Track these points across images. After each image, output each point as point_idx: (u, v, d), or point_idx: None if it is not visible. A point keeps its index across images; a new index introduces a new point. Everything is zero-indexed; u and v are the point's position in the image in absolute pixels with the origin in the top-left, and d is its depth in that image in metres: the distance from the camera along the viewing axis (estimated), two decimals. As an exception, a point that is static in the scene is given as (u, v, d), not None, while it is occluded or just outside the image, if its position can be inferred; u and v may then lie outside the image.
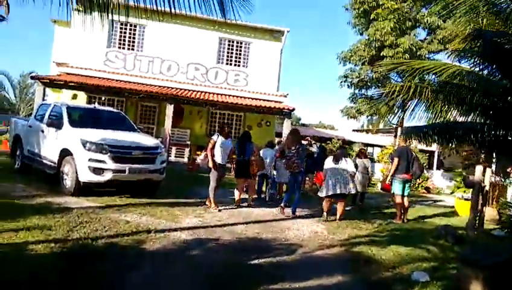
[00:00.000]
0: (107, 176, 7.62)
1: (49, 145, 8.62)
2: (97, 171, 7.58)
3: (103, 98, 16.71)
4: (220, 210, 7.91)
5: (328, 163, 8.26)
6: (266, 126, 18.83)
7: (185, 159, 16.25)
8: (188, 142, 17.18)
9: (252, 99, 17.48)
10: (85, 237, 5.17)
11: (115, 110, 10.79)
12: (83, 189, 7.72)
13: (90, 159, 7.55)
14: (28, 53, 75.32)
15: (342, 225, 7.72)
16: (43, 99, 13.77)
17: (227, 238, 5.99)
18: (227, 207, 8.36)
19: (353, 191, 8.29)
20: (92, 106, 9.90)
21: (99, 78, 16.52)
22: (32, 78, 14.14)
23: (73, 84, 14.52)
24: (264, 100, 17.49)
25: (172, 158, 15.90)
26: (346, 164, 8.17)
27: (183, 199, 8.68)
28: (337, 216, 8.06)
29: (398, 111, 6.08)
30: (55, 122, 8.49)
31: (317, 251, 5.88)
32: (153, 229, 5.91)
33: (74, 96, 17.26)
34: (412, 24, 20.74)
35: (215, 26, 17.37)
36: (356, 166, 9.04)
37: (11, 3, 7.61)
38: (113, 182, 7.85)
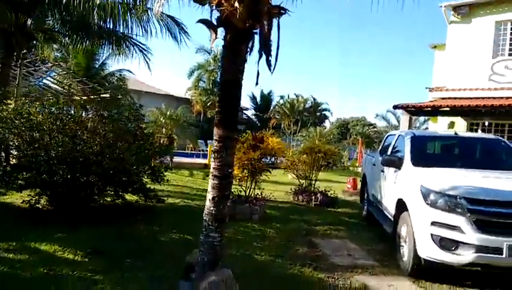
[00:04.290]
0: (465, 255, 4.17)
1: (388, 191, 6.14)
2: (446, 244, 4.29)
3: (486, 123, 12.67)
4: None
5: None
6: None
7: None
8: None
9: None
10: None
11: (492, 136, 6.89)
12: (425, 270, 4.64)
13: (434, 223, 4.40)
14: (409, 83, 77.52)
15: None
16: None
17: None
18: None
19: None
20: (451, 132, 6.57)
21: (483, 98, 12.69)
22: (394, 107, 12.42)
23: (444, 108, 11.59)
24: None
25: None
26: None
27: None
28: None
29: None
30: (394, 160, 5.91)
31: None
32: None
33: (451, 125, 14.16)
34: None
35: None
36: None
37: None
38: (479, 266, 4.32)
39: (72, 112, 6.62)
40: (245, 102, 35.96)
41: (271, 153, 7.37)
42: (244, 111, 36.94)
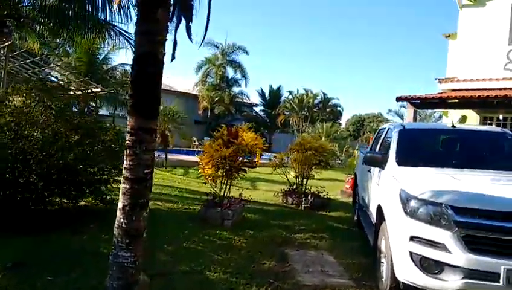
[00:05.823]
0: (452, 281, 3.25)
1: (372, 195, 5.24)
2: (428, 265, 3.37)
3: (501, 117, 11.52)
4: None
5: None
6: None
7: None
8: None
9: None
10: None
11: (498, 129, 5.81)
12: (405, 294, 3.74)
13: (413, 237, 3.49)
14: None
15: None
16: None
17: None
18: None
19: None
20: (447, 125, 5.54)
21: (496, 89, 11.54)
22: (398, 99, 11.34)
23: (453, 100, 10.50)
24: None
25: None
26: None
27: None
28: None
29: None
30: (377, 157, 4.99)
31: None
32: None
33: (463, 119, 13.01)
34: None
35: None
36: None
37: None
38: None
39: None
40: (254, 98, 35.08)
41: (245, 150, 6.51)
42: (253, 107, 36.08)
